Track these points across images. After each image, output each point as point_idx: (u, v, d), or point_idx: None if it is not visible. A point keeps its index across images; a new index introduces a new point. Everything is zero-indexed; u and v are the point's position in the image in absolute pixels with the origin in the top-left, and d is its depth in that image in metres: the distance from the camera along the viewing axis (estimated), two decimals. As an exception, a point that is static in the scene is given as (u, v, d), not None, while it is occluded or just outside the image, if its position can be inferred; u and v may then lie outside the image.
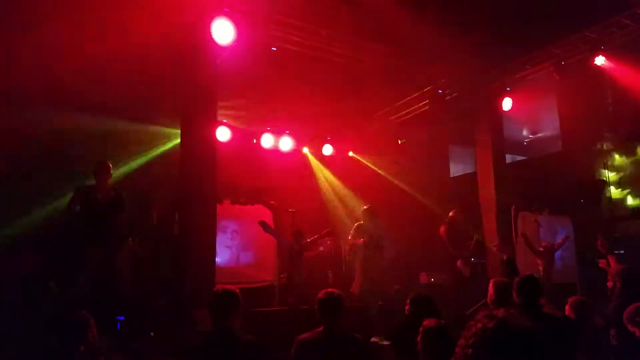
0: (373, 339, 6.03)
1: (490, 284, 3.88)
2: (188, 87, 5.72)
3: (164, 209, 7.24)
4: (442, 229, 8.00)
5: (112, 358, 3.01)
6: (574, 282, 8.96)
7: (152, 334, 4.99)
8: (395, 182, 10.45)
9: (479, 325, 1.40)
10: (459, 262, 7.74)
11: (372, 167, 10.85)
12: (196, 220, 5.61)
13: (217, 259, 5.84)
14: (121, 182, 6.36)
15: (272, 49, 6.45)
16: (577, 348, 3.26)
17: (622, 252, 8.84)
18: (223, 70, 6.16)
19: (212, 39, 5.63)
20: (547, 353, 1.44)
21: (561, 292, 6.72)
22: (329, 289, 3.35)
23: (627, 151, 9.31)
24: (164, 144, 8.13)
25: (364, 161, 11.03)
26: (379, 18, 6.57)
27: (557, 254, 8.12)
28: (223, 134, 8.76)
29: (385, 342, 5.64)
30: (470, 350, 1.38)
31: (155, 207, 7.40)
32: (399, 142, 10.65)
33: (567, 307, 3.99)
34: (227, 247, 8.28)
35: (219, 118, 7.27)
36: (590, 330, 3.83)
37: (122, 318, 5.31)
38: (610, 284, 4.62)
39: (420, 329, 2.81)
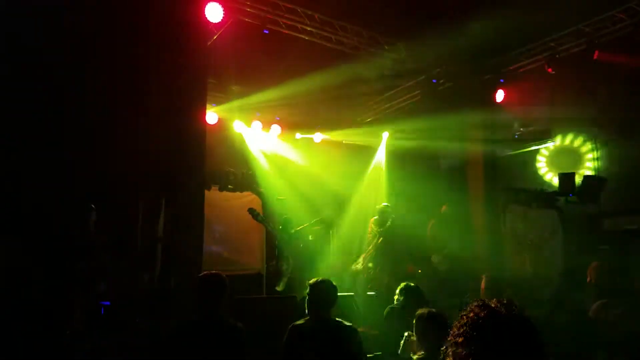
0: (361, 329, 6.03)
1: (483, 279, 3.91)
2: (178, 67, 5.58)
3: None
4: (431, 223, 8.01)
5: (98, 342, 2.95)
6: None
7: (137, 320, 4.92)
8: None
9: (471, 314, 1.42)
10: (432, 257, 7.75)
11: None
12: (184, 207, 5.52)
13: (205, 246, 5.77)
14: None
15: (264, 32, 6.34)
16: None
17: (608, 247, 8.95)
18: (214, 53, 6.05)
19: (203, 19, 5.51)
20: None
21: (546, 286, 6.80)
22: (322, 278, 3.33)
23: None
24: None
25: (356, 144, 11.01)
26: (372, 4, 6.51)
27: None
28: (212, 118, 8.62)
29: (374, 332, 5.66)
30: (461, 338, 1.40)
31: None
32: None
33: None
34: (215, 234, 8.21)
35: (209, 100, 7.15)
36: None
37: (108, 303, 5.24)
38: (588, 279, 4.75)
39: (415, 317, 2.82)
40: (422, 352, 2.69)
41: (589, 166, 9.10)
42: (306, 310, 3.23)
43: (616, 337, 3.07)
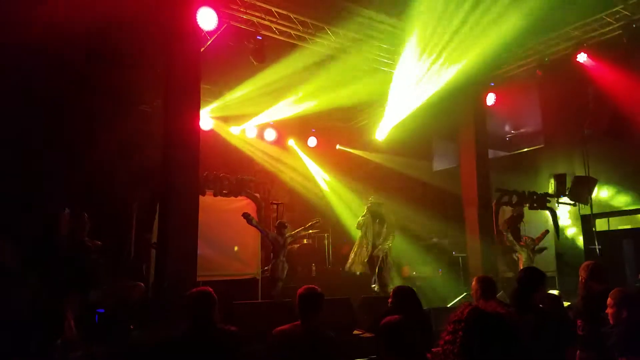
0: (356, 332, 6.04)
1: (474, 280, 3.93)
2: (172, 73, 5.59)
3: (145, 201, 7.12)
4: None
5: (90, 350, 2.95)
6: (553, 275, 9.13)
7: (131, 327, 4.92)
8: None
9: (457, 312, 1.55)
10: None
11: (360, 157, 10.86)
12: (178, 212, 5.52)
13: (200, 251, 5.76)
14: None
15: (258, 37, 6.38)
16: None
17: (600, 247, 9.04)
18: (207, 59, 6.08)
19: (197, 25, 5.54)
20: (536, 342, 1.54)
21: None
22: (310, 285, 3.36)
23: None
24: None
25: (352, 151, 11.05)
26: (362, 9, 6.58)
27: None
28: (206, 122, 8.64)
29: (368, 335, 5.67)
30: (450, 336, 1.51)
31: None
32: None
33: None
34: (210, 239, 8.18)
35: (203, 106, 7.18)
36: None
37: (102, 311, 5.22)
38: (580, 278, 4.76)
39: (381, 325, 2.82)
40: None
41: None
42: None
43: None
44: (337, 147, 11.19)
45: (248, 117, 9.53)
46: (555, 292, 5.50)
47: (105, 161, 5.96)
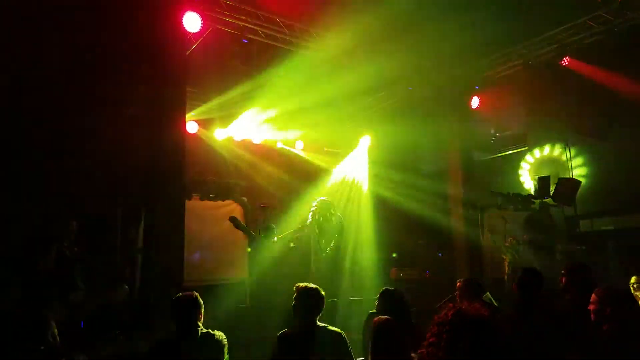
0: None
1: (459, 282, 3.96)
2: (157, 76, 5.56)
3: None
4: None
5: (73, 358, 2.90)
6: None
7: (117, 332, 4.85)
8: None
9: (442, 314, 1.58)
10: None
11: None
12: (164, 217, 5.47)
13: (187, 257, 5.71)
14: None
15: (244, 41, 6.37)
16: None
17: (584, 247, 9.18)
18: (193, 62, 6.06)
19: (182, 28, 5.52)
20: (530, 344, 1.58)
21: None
22: (308, 284, 3.31)
23: None
24: None
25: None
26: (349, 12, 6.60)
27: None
28: (192, 126, 8.58)
29: (355, 337, 5.67)
30: (434, 338, 1.53)
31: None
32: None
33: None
34: (197, 244, 8.12)
35: (189, 110, 7.14)
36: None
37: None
38: (562, 280, 4.79)
39: (373, 325, 2.84)
40: None
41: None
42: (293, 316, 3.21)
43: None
44: (325, 149, 11.17)
45: (234, 119, 9.48)
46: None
47: (89, 165, 5.87)
